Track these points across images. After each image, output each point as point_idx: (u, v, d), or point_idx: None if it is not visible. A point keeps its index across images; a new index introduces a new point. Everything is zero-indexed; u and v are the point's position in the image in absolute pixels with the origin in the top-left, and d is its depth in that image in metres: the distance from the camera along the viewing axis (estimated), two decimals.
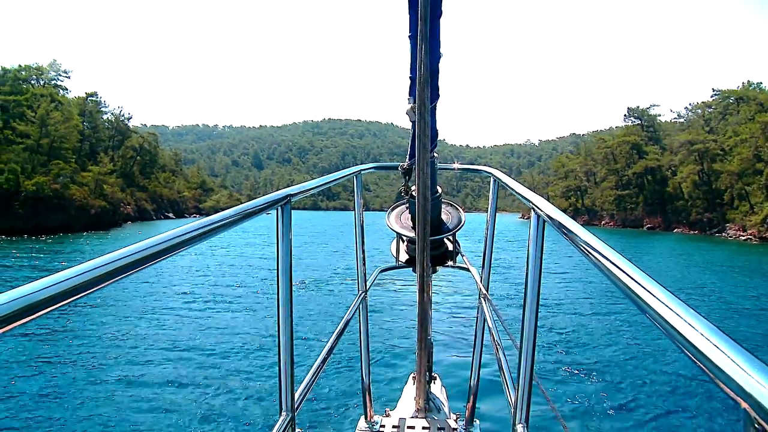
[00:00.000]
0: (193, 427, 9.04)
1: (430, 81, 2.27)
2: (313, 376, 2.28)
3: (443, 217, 3.59)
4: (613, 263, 1.05)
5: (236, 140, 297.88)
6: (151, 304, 19.36)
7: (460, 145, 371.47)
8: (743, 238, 67.38)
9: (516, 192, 2.27)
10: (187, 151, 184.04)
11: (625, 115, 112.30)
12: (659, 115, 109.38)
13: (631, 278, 0.95)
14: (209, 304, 19.50)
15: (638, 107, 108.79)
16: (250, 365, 12.03)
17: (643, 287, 0.90)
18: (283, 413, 1.91)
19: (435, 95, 2.45)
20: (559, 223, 1.52)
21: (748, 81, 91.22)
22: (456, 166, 3.87)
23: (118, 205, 74.69)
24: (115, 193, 74.57)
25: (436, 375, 3.90)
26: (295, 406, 1.98)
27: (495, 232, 3.30)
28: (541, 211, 1.72)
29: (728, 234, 71.46)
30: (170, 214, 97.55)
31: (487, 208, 3.31)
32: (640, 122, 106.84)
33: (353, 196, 3.33)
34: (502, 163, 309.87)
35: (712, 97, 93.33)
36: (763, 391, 0.57)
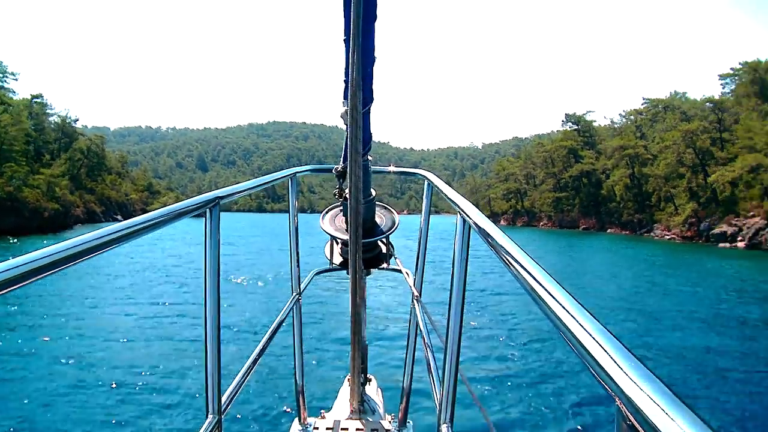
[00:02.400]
0: (116, 430, 8.97)
1: (364, 85, 2.31)
2: (242, 377, 2.29)
3: (377, 219, 3.59)
4: (522, 266, 1.09)
5: (180, 142, 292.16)
6: (78, 304, 19.21)
7: (405, 148, 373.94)
8: (668, 237, 71.48)
9: (446, 196, 2.32)
10: (130, 153, 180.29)
11: (562, 121, 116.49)
12: (594, 121, 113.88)
13: (536, 280, 0.99)
14: (137, 305, 19.24)
15: (575, 113, 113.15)
16: (180, 367, 11.90)
17: (544, 288, 0.94)
18: (210, 416, 1.91)
19: (369, 99, 2.49)
20: (480, 227, 1.55)
21: (675, 90, 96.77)
22: (391, 168, 3.86)
23: (69, 207, 73.84)
24: (65, 196, 73.67)
25: (371, 376, 3.93)
26: (223, 408, 1.97)
27: (428, 235, 3.32)
28: (467, 215, 1.75)
29: (655, 234, 75.37)
30: (118, 217, 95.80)
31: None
32: (576, 127, 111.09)
33: (298, 197, 3.39)
34: (446, 165, 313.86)
35: (642, 104, 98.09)
36: (633, 389, 0.61)
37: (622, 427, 0.66)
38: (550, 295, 0.92)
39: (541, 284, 0.98)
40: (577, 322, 0.80)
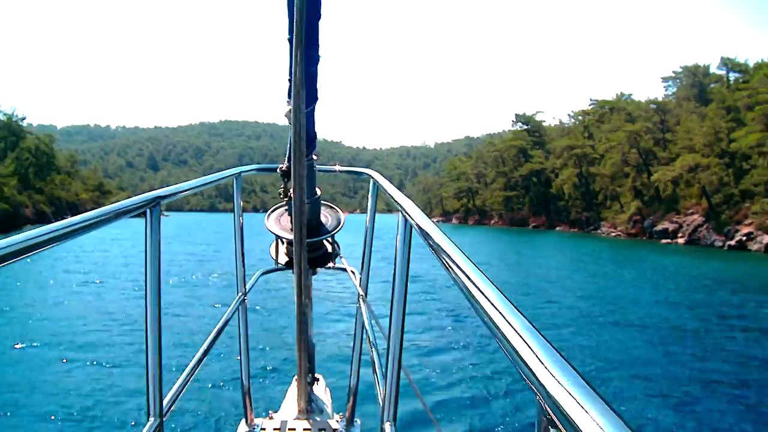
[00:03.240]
0: None
1: (308, 84, 2.31)
2: (185, 379, 2.26)
3: (323, 218, 3.59)
4: (457, 265, 1.11)
5: (130, 141, 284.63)
6: (13, 307, 18.57)
7: (357, 147, 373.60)
8: (614, 234, 73.74)
9: (389, 195, 2.32)
10: (79, 152, 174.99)
11: (513, 121, 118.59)
12: (544, 121, 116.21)
13: (469, 279, 1.01)
14: (77, 307, 18.69)
15: (525, 113, 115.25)
16: (123, 370, 11.64)
17: (476, 286, 0.96)
18: (151, 419, 1.89)
19: (312, 98, 2.50)
20: (420, 227, 1.56)
21: (621, 92, 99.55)
22: (337, 168, 3.87)
23: (18, 208, 71.66)
24: (14, 196, 71.43)
25: (319, 376, 3.94)
26: (164, 411, 1.95)
27: (374, 234, 3.31)
28: (408, 215, 1.76)
29: (602, 231, 77.72)
30: (69, 217, 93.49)
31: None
32: (526, 127, 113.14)
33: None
34: (399, 164, 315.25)
35: (590, 105, 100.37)
36: (551, 383, 0.62)
37: (542, 422, 0.67)
38: (481, 292, 0.94)
39: (474, 283, 0.99)
40: (505, 319, 0.81)
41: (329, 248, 3.68)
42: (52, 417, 9.32)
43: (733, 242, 54.52)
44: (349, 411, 3.44)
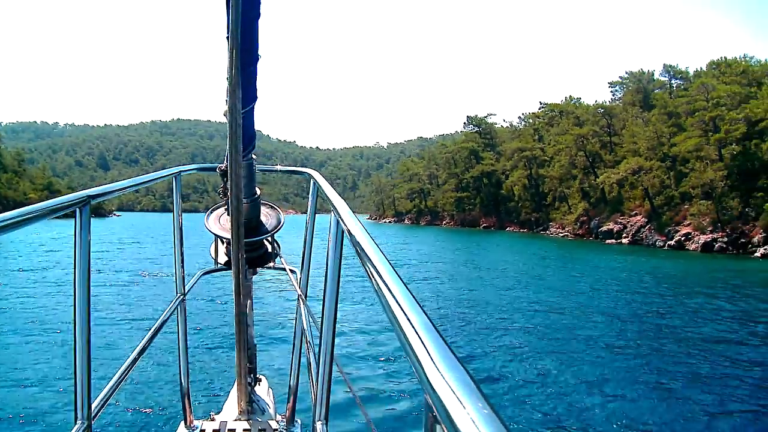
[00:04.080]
0: None
1: (246, 83, 2.30)
2: (117, 381, 2.21)
3: (262, 218, 3.56)
4: (373, 265, 1.13)
5: (79, 139, 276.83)
6: None
7: (311, 147, 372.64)
8: (561, 234, 75.45)
9: (326, 196, 2.30)
10: (25, 150, 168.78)
11: (464, 123, 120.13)
12: (495, 124, 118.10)
13: (380, 277, 1.03)
14: (3, 308, 18.13)
15: (477, 116, 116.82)
16: (52, 373, 11.23)
17: (387, 286, 0.98)
18: (78, 422, 1.85)
19: (251, 98, 2.47)
20: (348, 228, 1.57)
21: (570, 95, 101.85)
22: (278, 167, 3.84)
23: None
24: None
25: (261, 377, 3.92)
26: (93, 413, 1.90)
27: (314, 234, 3.30)
28: (340, 216, 1.76)
29: (551, 231, 79.36)
30: None
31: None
32: (478, 129, 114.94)
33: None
34: (352, 165, 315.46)
35: (540, 108, 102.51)
36: (438, 381, 0.63)
37: (429, 419, 0.68)
38: (389, 290, 0.96)
39: (384, 281, 1.01)
40: (406, 316, 0.83)
41: (269, 248, 3.68)
42: None
43: (672, 242, 56.47)
44: (290, 411, 3.47)
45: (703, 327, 18.75)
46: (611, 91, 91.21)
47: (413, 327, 0.79)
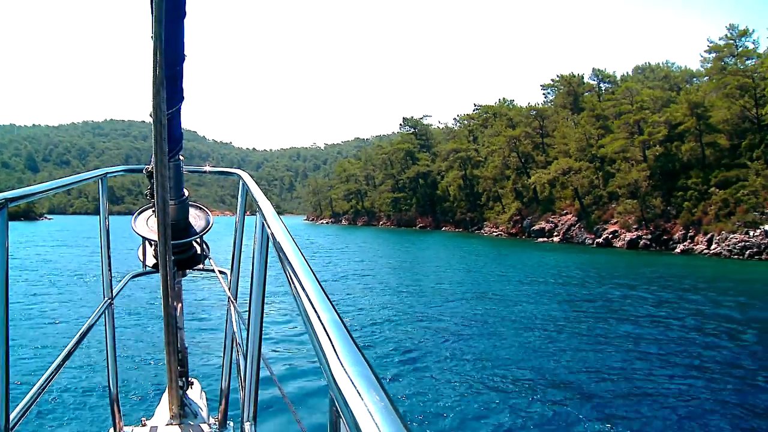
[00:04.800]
0: None
1: (172, 84, 2.27)
2: (39, 389, 2.15)
3: (191, 220, 3.51)
4: (290, 264, 1.15)
5: (6, 140, 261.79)
6: None
7: (247, 148, 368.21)
8: (495, 234, 76.83)
9: (254, 197, 2.30)
10: None
11: (400, 124, 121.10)
12: (431, 125, 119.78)
13: (296, 276, 1.06)
14: None
15: (412, 117, 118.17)
16: None
17: (302, 286, 1.00)
18: None
19: (177, 98, 2.44)
20: (272, 230, 1.57)
21: (504, 98, 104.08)
22: (207, 168, 3.76)
23: None
24: None
25: (193, 380, 3.86)
26: (10, 425, 1.84)
27: (244, 235, 3.24)
28: (264, 218, 1.77)
29: (485, 231, 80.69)
30: None
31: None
32: (414, 131, 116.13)
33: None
34: (289, 166, 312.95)
35: (474, 110, 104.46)
36: (342, 378, 0.65)
37: (333, 414, 0.69)
38: (304, 290, 0.98)
39: (300, 281, 1.03)
40: (317, 314, 0.86)
41: (198, 250, 3.63)
42: None
43: (600, 240, 58.34)
44: (222, 413, 3.42)
45: (625, 314, 19.71)
46: (543, 94, 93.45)
47: (323, 327, 0.80)
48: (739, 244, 45.77)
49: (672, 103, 60.63)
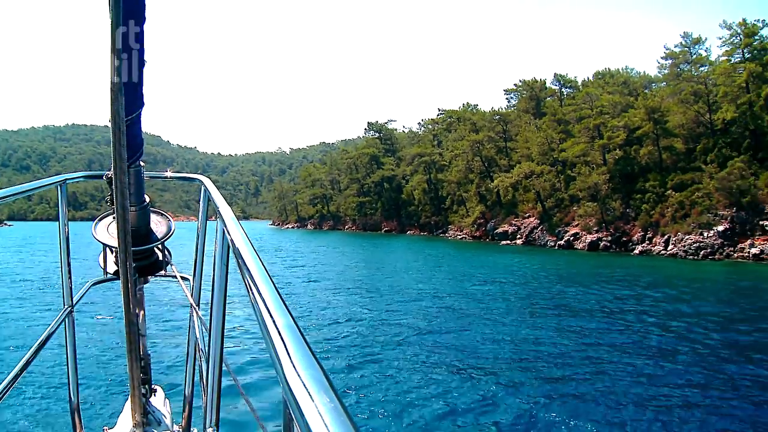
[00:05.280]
0: None
1: (131, 90, 2.28)
2: None
3: (152, 226, 3.52)
4: (247, 268, 1.17)
5: None
6: None
7: (212, 153, 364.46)
8: (460, 237, 77.45)
9: (215, 202, 2.34)
10: None
11: (365, 129, 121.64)
12: (395, 130, 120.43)
13: (253, 280, 1.08)
14: None
15: (377, 122, 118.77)
16: None
17: (258, 291, 1.02)
18: None
19: (137, 104, 2.46)
20: (231, 237, 1.59)
21: (468, 102, 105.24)
22: (168, 174, 3.76)
23: None
24: None
25: (157, 387, 3.84)
26: None
27: (206, 240, 3.26)
28: (224, 223, 1.80)
29: (449, 234, 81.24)
30: None
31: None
32: (378, 135, 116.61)
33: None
34: (254, 170, 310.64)
35: (438, 115, 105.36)
36: (294, 380, 0.67)
37: (286, 414, 0.71)
38: (260, 294, 1.00)
39: (257, 285, 1.04)
40: (271, 317, 0.88)
41: (160, 256, 3.59)
42: None
43: (562, 242, 59.23)
44: (186, 420, 3.41)
45: (579, 310, 20.33)
46: (507, 98, 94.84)
47: (278, 331, 0.82)
48: (694, 245, 46.97)
49: (630, 108, 61.94)
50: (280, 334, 0.81)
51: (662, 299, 23.44)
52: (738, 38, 55.07)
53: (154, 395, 3.67)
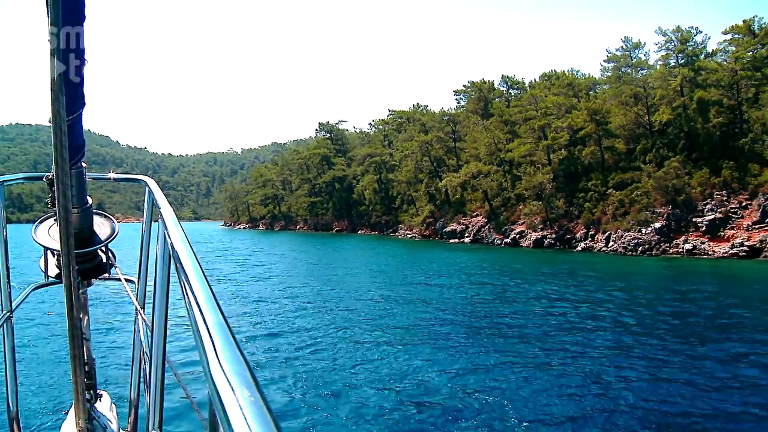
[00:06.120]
0: None
1: (71, 89, 2.24)
2: None
3: (95, 228, 3.45)
4: (183, 269, 1.19)
5: None
6: None
7: (162, 154, 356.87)
8: (409, 236, 78.17)
9: (157, 204, 2.34)
10: None
11: (316, 129, 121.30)
12: (346, 130, 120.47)
13: (188, 282, 1.10)
14: None
15: (328, 122, 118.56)
16: None
17: (192, 291, 1.05)
18: None
19: (78, 104, 2.42)
20: (172, 238, 1.59)
21: (418, 103, 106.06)
22: (111, 175, 3.68)
23: None
24: None
25: (102, 392, 3.77)
26: None
27: (150, 242, 3.13)
28: (164, 224, 1.82)
29: (400, 233, 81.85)
30: None
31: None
32: (329, 136, 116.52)
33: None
34: (206, 171, 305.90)
35: (388, 115, 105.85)
36: (219, 376, 0.68)
37: (210, 412, 0.70)
38: (193, 293, 1.02)
39: (191, 285, 1.06)
40: (203, 317, 0.89)
41: (103, 258, 3.52)
42: None
43: (509, 240, 60.36)
44: (131, 424, 3.39)
45: (520, 303, 20.81)
46: (456, 99, 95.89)
47: (207, 328, 0.83)
48: (633, 241, 48.56)
49: (574, 110, 63.56)
50: (208, 331, 0.82)
51: (596, 290, 24.36)
52: (673, 44, 57.25)
53: (100, 400, 3.64)
